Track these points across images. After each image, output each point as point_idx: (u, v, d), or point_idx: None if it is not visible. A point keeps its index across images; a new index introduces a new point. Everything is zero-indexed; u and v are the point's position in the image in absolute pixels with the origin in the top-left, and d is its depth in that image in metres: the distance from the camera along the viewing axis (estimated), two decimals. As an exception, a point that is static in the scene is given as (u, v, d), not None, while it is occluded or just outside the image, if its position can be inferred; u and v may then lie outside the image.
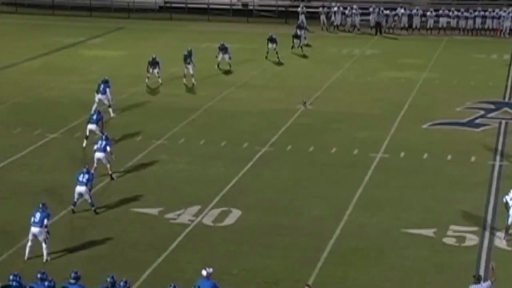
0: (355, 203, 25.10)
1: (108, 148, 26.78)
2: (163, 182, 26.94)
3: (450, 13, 54.39)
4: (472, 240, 22.48)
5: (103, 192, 25.95)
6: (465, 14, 54.13)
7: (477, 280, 18.22)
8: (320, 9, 56.13)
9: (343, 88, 39.63)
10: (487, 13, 54.07)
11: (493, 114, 34.70)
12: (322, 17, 55.79)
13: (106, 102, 33.98)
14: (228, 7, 60.90)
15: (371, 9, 55.16)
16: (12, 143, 30.65)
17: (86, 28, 55.93)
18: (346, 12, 55.32)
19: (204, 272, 18.12)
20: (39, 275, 17.79)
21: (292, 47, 46.90)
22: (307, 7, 56.85)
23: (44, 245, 21.03)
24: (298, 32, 48.11)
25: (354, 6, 55.49)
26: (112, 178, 26.83)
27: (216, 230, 23.21)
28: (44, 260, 20.97)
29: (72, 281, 17.83)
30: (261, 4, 61.34)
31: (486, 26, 53.95)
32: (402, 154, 29.64)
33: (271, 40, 45.18)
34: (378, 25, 54.49)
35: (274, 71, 43.09)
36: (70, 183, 26.41)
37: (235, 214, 24.22)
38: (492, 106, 35.86)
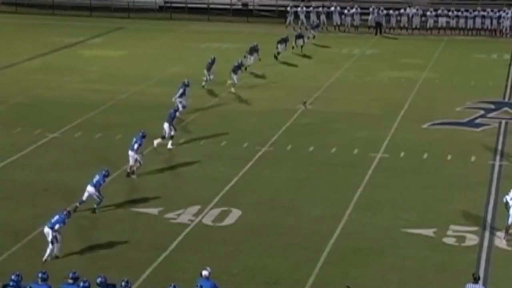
0: (355, 203, 25.11)
1: (135, 146, 26.79)
2: (163, 182, 26.93)
3: (450, 13, 54.45)
4: (472, 240, 22.49)
5: (103, 192, 25.90)
6: (465, 14, 54.17)
7: (476, 280, 18.25)
8: (299, 8, 56.15)
9: (343, 88, 39.64)
10: (486, 13, 54.07)
11: (493, 114, 34.71)
12: (315, 16, 55.85)
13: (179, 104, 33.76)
14: (228, 7, 60.91)
15: (370, 9, 55.19)
16: (12, 143, 30.65)
17: (86, 28, 55.97)
18: (335, 10, 55.49)
19: (205, 272, 18.14)
20: (40, 275, 17.81)
21: (293, 47, 46.90)
22: (307, 7, 56.84)
23: (50, 246, 21.02)
24: (302, 32, 48.23)
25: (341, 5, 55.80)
26: (128, 175, 26.81)
27: (216, 230, 23.22)
28: (43, 259, 20.97)
29: (70, 281, 17.85)
30: (261, 4, 61.36)
31: (485, 26, 53.99)
32: (402, 154, 29.64)
33: (282, 41, 45.25)
34: (378, 25, 54.52)
35: (274, 71, 43.06)
36: (70, 183, 26.51)
37: (235, 214, 24.22)
38: (492, 106, 35.87)
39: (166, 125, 29.83)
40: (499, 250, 21.92)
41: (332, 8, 55.92)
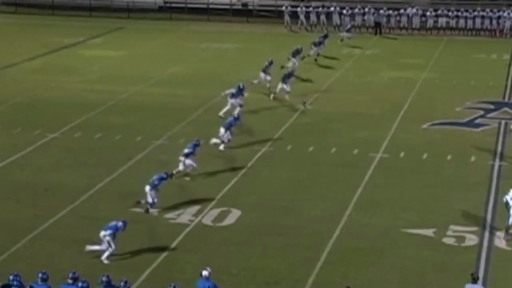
0: (355, 203, 25.12)
1: (186, 151, 26.72)
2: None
3: (450, 13, 54.46)
4: (471, 240, 22.49)
5: (103, 192, 25.97)
6: (465, 14, 54.17)
7: (474, 280, 18.27)
8: (299, 9, 56.11)
9: (343, 88, 39.64)
10: (485, 13, 54.07)
11: (493, 114, 34.72)
12: (301, 16, 55.82)
13: (236, 105, 33.50)
14: (228, 7, 60.89)
15: (366, 10, 55.21)
16: (12, 143, 30.65)
17: (86, 28, 55.97)
18: (343, 11, 55.43)
19: (205, 272, 18.18)
20: (40, 275, 17.82)
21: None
22: (306, 7, 56.82)
23: (110, 248, 21.05)
24: (327, 33, 48.36)
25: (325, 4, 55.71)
26: (171, 176, 26.31)
27: (216, 230, 23.23)
28: (88, 249, 21.12)
29: (70, 281, 17.86)
30: (261, 4, 61.35)
31: (485, 26, 54.01)
32: (402, 154, 29.65)
33: (317, 43, 45.17)
34: (377, 25, 54.54)
35: (275, 71, 42.98)
36: (70, 183, 26.53)
37: (235, 214, 24.23)
38: (492, 106, 35.88)
39: (222, 130, 29.57)
40: (498, 250, 21.93)
41: (332, 8, 55.89)
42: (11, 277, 17.60)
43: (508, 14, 53.99)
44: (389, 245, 22.22)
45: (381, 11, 54.78)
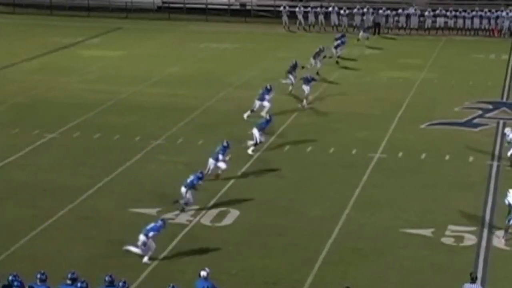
0: (353, 203, 25.15)
1: (220, 157, 26.71)
2: (161, 182, 26.93)
3: (448, 13, 54.49)
4: (470, 240, 22.53)
5: (102, 192, 25.98)
6: (463, 14, 54.23)
7: (473, 280, 18.31)
8: (297, 9, 56.14)
9: (342, 88, 39.65)
10: (484, 13, 54.12)
11: (491, 114, 34.76)
12: (300, 16, 55.78)
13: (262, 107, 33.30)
14: (226, 7, 60.94)
15: (365, 9, 55.23)
16: (11, 143, 30.65)
17: (85, 28, 55.98)
18: (342, 12, 55.43)
19: (203, 273, 18.21)
20: (38, 275, 17.83)
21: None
22: (304, 7, 56.83)
23: (135, 249, 21.10)
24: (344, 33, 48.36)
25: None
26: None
27: (214, 230, 23.24)
28: (127, 248, 21.17)
29: (69, 281, 17.87)
30: (259, 4, 61.37)
31: (483, 26, 54.06)
32: (400, 154, 29.69)
33: (340, 44, 44.99)
34: (376, 25, 54.57)
35: (273, 71, 43.03)
36: (69, 183, 26.52)
37: (234, 214, 24.24)
38: (490, 106, 35.92)
39: (255, 131, 29.42)
40: (497, 250, 21.97)
41: (330, 9, 55.90)
42: (10, 278, 17.61)
43: (507, 14, 54.09)
44: (388, 245, 22.25)
45: (380, 11, 54.85)
